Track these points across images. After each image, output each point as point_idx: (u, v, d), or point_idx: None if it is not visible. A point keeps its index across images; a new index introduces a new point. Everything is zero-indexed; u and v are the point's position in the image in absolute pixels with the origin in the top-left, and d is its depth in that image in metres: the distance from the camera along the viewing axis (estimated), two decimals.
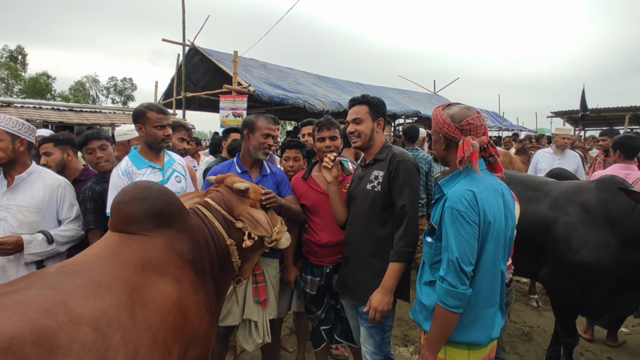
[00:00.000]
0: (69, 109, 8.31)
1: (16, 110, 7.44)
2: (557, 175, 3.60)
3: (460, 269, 1.43)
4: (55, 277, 1.14)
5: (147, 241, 1.47)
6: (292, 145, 2.80)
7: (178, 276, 1.50)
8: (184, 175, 2.52)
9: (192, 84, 11.84)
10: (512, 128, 19.31)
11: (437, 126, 1.63)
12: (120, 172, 2.25)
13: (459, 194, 1.48)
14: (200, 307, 1.57)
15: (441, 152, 1.67)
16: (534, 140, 8.65)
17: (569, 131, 5.02)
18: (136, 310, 1.21)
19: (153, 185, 1.60)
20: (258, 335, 2.39)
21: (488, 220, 1.46)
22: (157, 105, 2.46)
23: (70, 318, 1.01)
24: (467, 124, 1.55)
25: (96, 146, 2.52)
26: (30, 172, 2.19)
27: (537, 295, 4.20)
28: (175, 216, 1.60)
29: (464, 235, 1.44)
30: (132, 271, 1.32)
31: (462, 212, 1.44)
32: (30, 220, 2.13)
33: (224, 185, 1.96)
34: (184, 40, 10.03)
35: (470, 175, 1.55)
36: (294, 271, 2.54)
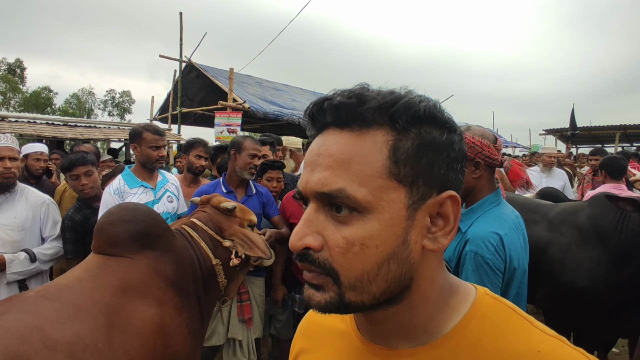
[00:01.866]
0: (64, 123, 8.33)
1: (10, 124, 7.44)
2: (547, 194, 3.65)
3: None
4: (34, 301, 1.14)
5: (130, 263, 1.47)
6: (275, 166, 2.83)
7: (161, 299, 1.50)
8: (177, 195, 2.53)
9: (189, 100, 11.91)
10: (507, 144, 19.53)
11: (470, 150, 1.38)
12: (112, 191, 2.27)
13: (484, 237, 1.29)
14: (183, 329, 1.56)
15: (471, 182, 1.41)
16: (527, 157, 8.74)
17: (555, 150, 5.11)
18: (114, 334, 1.20)
19: (139, 207, 1.62)
20: (242, 354, 2.38)
21: (514, 266, 1.32)
22: (154, 126, 2.50)
23: (45, 344, 1.01)
24: (500, 143, 1.39)
25: (81, 172, 2.40)
26: (14, 191, 2.21)
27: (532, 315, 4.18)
28: (160, 238, 1.61)
29: (488, 285, 1.25)
30: (113, 294, 1.32)
31: (487, 260, 1.26)
32: (14, 239, 2.13)
33: (210, 205, 1.98)
34: (180, 56, 10.13)
35: (493, 208, 1.39)
36: (282, 290, 2.54)
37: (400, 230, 0.47)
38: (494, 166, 1.41)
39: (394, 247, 0.46)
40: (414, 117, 0.47)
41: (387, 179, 0.46)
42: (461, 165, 0.51)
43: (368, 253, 0.46)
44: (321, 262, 0.47)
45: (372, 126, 0.47)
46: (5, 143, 2.16)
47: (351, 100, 0.47)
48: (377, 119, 0.47)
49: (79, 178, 2.39)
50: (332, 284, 0.47)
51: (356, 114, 0.47)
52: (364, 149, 0.46)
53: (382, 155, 0.46)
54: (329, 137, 0.48)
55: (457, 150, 0.50)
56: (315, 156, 0.48)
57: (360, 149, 0.46)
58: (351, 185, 0.45)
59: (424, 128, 0.48)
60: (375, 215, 0.46)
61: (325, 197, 0.47)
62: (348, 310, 0.48)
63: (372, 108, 0.47)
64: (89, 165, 2.45)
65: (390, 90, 0.50)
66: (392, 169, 0.46)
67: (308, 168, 0.49)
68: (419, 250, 0.48)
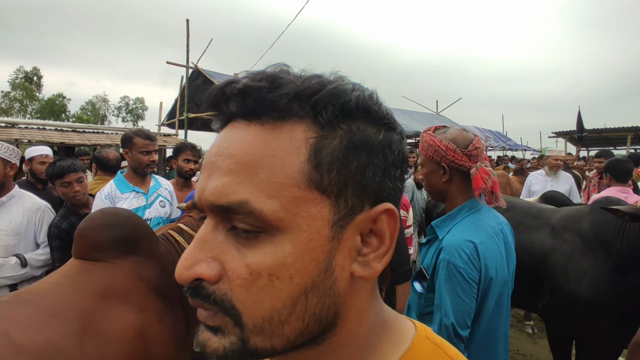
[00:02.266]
0: (72, 129, 8.46)
1: (20, 130, 7.59)
2: (550, 198, 3.57)
3: (456, 334, 1.22)
4: (5, 306, 1.14)
5: (111, 269, 1.46)
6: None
7: (142, 304, 1.48)
8: (170, 200, 2.54)
9: (196, 105, 12.03)
10: (516, 148, 19.29)
11: (435, 154, 1.36)
12: (103, 195, 2.28)
13: (457, 245, 1.26)
14: (165, 335, 1.54)
15: (440, 185, 1.40)
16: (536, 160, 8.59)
17: (561, 152, 5.01)
18: (88, 340, 1.19)
19: (120, 212, 1.61)
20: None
21: (490, 276, 1.27)
22: (145, 131, 2.51)
23: (13, 349, 1.01)
24: (474, 148, 1.34)
25: (73, 179, 2.38)
26: (10, 196, 2.22)
27: (533, 321, 4.09)
28: (142, 243, 1.60)
29: (462, 295, 1.23)
30: (91, 300, 1.31)
31: (460, 269, 1.23)
32: (7, 243, 2.14)
33: (196, 210, 1.97)
34: (187, 62, 10.27)
35: (471, 214, 1.35)
36: None
37: (322, 254, 0.36)
38: (462, 171, 1.36)
39: (314, 277, 0.36)
40: (343, 109, 0.37)
41: (306, 189, 0.35)
42: (400, 172, 0.41)
43: (279, 286, 0.35)
44: (218, 297, 0.36)
45: (288, 119, 0.36)
46: None
47: (261, 84, 0.36)
48: (295, 110, 0.36)
49: (70, 185, 2.37)
50: (233, 325, 0.37)
51: (267, 102, 0.36)
52: (276, 148, 0.35)
53: (299, 157, 0.35)
54: (233, 132, 0.38)
55: (397, 152, 0.40)
56: (214, 156, 0.37)
57: (271, 148, 0.35)
58: (257, 196, 0.34)
59: (356, 124, 0.38)
60: (289, 236, 0.35)
61: (224, 212, 0.36)
62: (254, 358, 0.38)
63: (289, 94, 0.36)
64: (79, 172, 2.44)
65: (315, 74, 0.39)
66: (312, 176, 0.36)
67: (205, 172, 0.39)
68: (346, 277, 0.38)
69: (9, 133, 7.22)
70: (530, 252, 2.57)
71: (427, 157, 1.40)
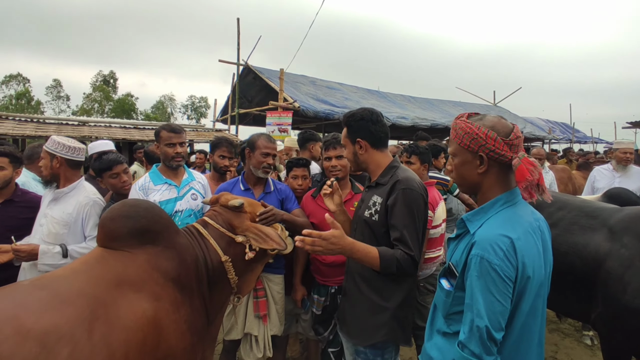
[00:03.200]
0: (134, 126, 9.10)
1: (89, 128, 8.31)
2: (615, 196, 3.16)
3: (489, 336, 1.12)
4: (24, 289, 1.22)
5: (128, 258, 1.52)
6: (300, 164, 2.78)
7: (157, 294, 1.52)
8: (203, 193, 2.60)
9: (247, 101, 12.41)
10: (586, 140, 17.60)
11: (472, 143, 1.26)
12: (138, 187, 2.40)
13: (491, 240, 1.16)
14: (180, 325, 1.58)
15: (475, 177, 1.29)
16: (611, 152, 7.74)
17: (632, 144, 4.41)
18: (96, 326, 1.24)
19: (140, 203, 1.67)
20: (258, 350, 2.39)
21: (527, 274, 1.16)
22: (172, 125, 2.59)
23: (18, 331, 1.07)
24: (516, 137, 1.23)
25: (120, 170, 2.54)
26: (72, 187, 2.37)
27: (593, 332, 3.69)
28: (161, 234, 1.64)
29: (496, 294, 1.12)
30: (105, 287, 1.37)
31: (495, 266, 1.13)
32: (57, 231, 2.29)
33: (219, 204, 2.00)
34: (238, 60, 10.57)
35: (507, 208, 1.25)
36: (301, 290, 2.50)
37: None
38: (501, 162, 1.24)
39: None
40: None
41: None
42: None
43: None
44: None
45: None
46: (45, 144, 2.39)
47: None
48: None
49: (119, 176, 2.55)
50: None
51: None
52: None
53: None
54: None
55: None
56: None
57: None
58: None
59: None
60: None
61: None
62: None
63: None
64: (124, 163, 2.64)
65: None
66: None
67: None
68: None
69: (80, 130, 7.93)
70: (582, 256, 2.30)
71: (462, 146, 1.29)
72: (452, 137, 1.36)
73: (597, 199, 3.21)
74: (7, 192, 2.55)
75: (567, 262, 2.31)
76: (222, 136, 3.62)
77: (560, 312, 3.00)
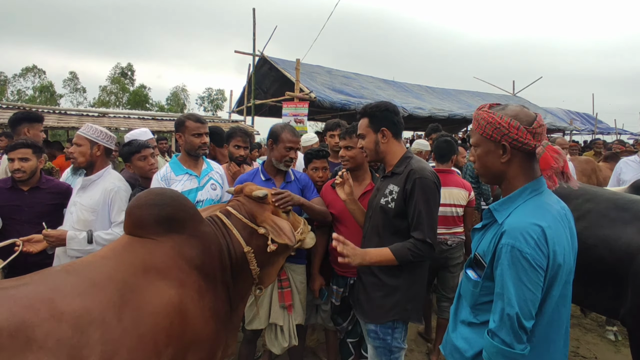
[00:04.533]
0: (152, 117, 9.22)
1: (109, 119, 8.45)
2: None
3: (520, 325, 1.13)
4: (56, 274, 1.25)
5: (154, 245, 1.54)
6: (320, 155, 2.76)
7: (182, 280, 1.54)
8: (221, 183, 2.62)
9: (263, 92, 12.43)
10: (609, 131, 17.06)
11: (495, 132, 1.26)
12: (160, 177, 2.43)
13: (522, 229, 1.16)
14: (205, 312, 1.60)
15: (498, 167, 1.29)
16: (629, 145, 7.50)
17: None
18: (126, 311, 1.27)
19: (166, 192, 1.68)
20: (284, 339, 2.41)
21: (558, 262, 1.16)
22: (196, 115, 2.61)
23: (52, 314, 1.10)
24: (539, 125, 1.23)
25: (149, 154, 2.69)
26: (100, 175, 2.43)
27: (617, 327, 3.61)
28: (186, 222, 1.66)
29: (527, 283, 1.13)
30: (132, 273, 1.39)
31: (526, 255, 1.13)
32: (86, 218, 2.36)
33: (243, 194, 2.01)
34: (254, 50, 10.56)
35: (534, 197, 1.25)
36: (319, 280, 2.50)
37: None
38: (525, 151, 1.24)
39: None
40: None
41: None
42: None
43: None
44: None
45: None
46: (78, 131, 2.44)
47: None
48: None
49: (147, 159, 2.70)
50: None
51: None
52: None
53: None
54: None
55: None
56: None
57: None
58: None
59: None
60: None
61: None
62: None
63: None
64: (151, 148, 2.78)
65: None
66: None
67: None
68: None
69: (100, 122, 8.07)
70: (613, 250, 2.22)
71: (485, 136, 1.30)
72: (474, 128, 1.36)
73: (624, 190, 3.10)
74: (34, 181, 2.68)
75: (595, 255, 2.24)
76: (236, 126, 3.63)
77: (584, 307, 2.93)
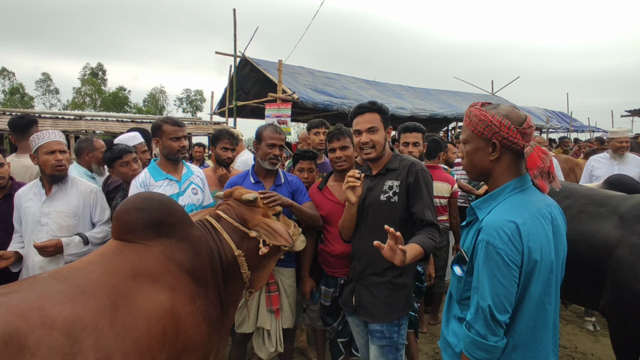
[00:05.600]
0: (131, 120, 9.03)
1: (86, 122, 8.23)
2: (616, 183, 3.18)
3: (493, 317, 1.17)
4: (44, 282, 1.23)
5: (143, 249, 1.52)
6: (306, 157, 2.78)
7: (173, 285, 1.53)
8: (202, 187, 2.59)
9: (244, 93, 12.31)
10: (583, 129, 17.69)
11: (486, 130, 1.28)
12: (138, 183, 2.38)
13: (497, 226, 1.19)
14: (197, 316, 1.58)
15: (486, 164, 1.32)
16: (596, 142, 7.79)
17: (626, 132, 4.52)
18: (117, 316, 1.25)
19: (154, 196, 1.66)
20: (271, 344, 2.39)
21: (533, 259, 1.19)
22: (173, 118, 2.58)
23: (43, 322, 1.08)
24: (528, 126, 1.27)
25: (130, 159, 2.64)
26: (66, 182, 2.40)
27: (595, 317, 3.75)
28: (175, 226, 1.64)
29: (500, 278, 1.16)
30: (122, 278, 1.37)
31: (499, 250, 1.16)
32: (68, 224, 2.34)
33: (232, 198, 1.99)
34: (235, 51, 10.48)
35: (515, 194, 1.28)
36: (309, 282, 2.50)
37: None
38: (513, 150, 1.28)
39: None
40: None
41: None
42: None
43: None
44: None
45: None
46: (54, 137, 2.36)
47: None
48: None
49: (129, 164, 2.63)
50: None
51: None
52: None
53: None
54: None
55: None
56: None
57: None
58: None
59: None
60: None
61: None
62: None
63: None
64: (134, 153, 2.72)
65: None
66: None
67: None
68: None
69: (77, 125, 7.85)
70: (591, 244, 2.30)
71: (476, 133, 1.32)
72: (465, 125, 1.38)
73: (599, 186, 3.22)
74: (7, 187, 2.57)
75: (575, 250, 2.32)
76: (222, 128, 3.60)
77: (565, 299, 3.03)
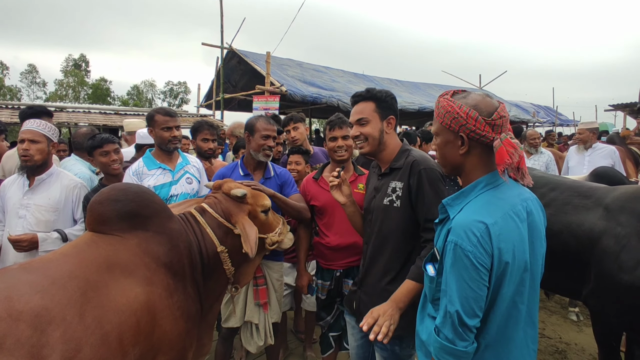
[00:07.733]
0: (115, 112, 8.82)
1: (67, 114, 8.01)
2: (602, 175, 3.21)
3: (461, 322, 1.11)
4: (14, 273, 1.18)
5: (118, 241, 1.46)
6: (293, 151, 2.80)
7: (149, 278, 1.47)
8: (197, 177, 2.55)
9: (232, 85, 12.16)
10: (568, 123, 17.95)
11: (453, 122, 1.20)
12: (132, 172, 2.35)
13: (466, 226, 1.12)
14: (174, 311, 1.53)
15: (456, 158, 1.25)
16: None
17: (594, 124, 4.61)
18: (88, 309, 1.20)
19: (131, 187, 1.59)
20: (259, 338, 2.36)
21: (505, 260, 1.11)
22: (166, 108, 2.54)
23: (9, 313, 1.04)
24: (499, 117, 1.17)
25: (111, 149, 2.54)
26: (50, 174, 2.32)
27: (578, 308, 3.80)
28: (152, 219, 1.58)
29: (469, 281, 1.10)
30: (95, 270, 1.31)
31: (468, 253, 1.09)
32: (47, 219, 2.25)
33: (221, 191, 1.92)
34: (222, 43, 10.29)
35: (488, 191, 1.19)
36: (306, 276, 2.43)
37: None
38: (483, 143, 1.19)
39: None
40: None
41: None
42: None
43: None
44: None
45: None
46: (28, 126, 2.26)
47: None
48: None
49: (109, 154, 2.52)
50: None
51: None
52: None
53: None
54: None
55: None
56: None
57: None
58: None
59: None
60: None
61: None
62: None
63: None
64: (116, 143, 2.61)
65: None
66: None
67: None
68: None
69: (57, 117, 7.61)
70: (576, 235, 2.31)
71: (444, 126, 1.24)
72: (435, 116, 1.31)
73: (585, 178, 3.25)
74: None
75: (560, 241, 2.33)
76: (202, 119, 3.54)
77: (547, 289, 3.06)
